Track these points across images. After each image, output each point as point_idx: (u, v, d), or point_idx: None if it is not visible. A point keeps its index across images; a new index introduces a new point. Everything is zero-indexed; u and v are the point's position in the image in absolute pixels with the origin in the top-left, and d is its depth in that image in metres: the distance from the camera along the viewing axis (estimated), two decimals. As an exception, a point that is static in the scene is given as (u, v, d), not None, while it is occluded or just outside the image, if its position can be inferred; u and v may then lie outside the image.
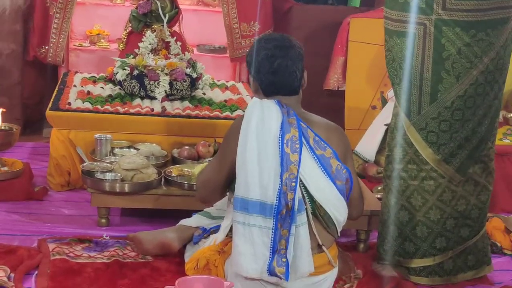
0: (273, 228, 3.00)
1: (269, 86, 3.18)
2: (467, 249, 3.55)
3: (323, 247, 3.15)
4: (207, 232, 3.50)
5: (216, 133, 4.58)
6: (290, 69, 3.14)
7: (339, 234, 3.23)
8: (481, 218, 3.57)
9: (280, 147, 3.02)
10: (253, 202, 3.02)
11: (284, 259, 2.99)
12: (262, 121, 3.06)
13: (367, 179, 4.82)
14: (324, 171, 3.10)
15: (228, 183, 3.22)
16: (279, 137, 3.03)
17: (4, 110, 4.56)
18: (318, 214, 3.10)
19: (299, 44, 3.21)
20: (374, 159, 4.99)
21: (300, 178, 3.04)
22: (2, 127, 4.55)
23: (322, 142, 3.12)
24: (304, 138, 3.08)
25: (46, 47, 5.77)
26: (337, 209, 3.13)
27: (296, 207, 3.00)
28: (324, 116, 3.30)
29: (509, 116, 5.21)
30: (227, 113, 4.81)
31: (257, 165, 3.02)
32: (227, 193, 3.32)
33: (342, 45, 5.61)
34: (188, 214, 3.69)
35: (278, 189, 2.99)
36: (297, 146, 3.04)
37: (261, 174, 3.01)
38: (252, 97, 3.28)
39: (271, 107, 3.10)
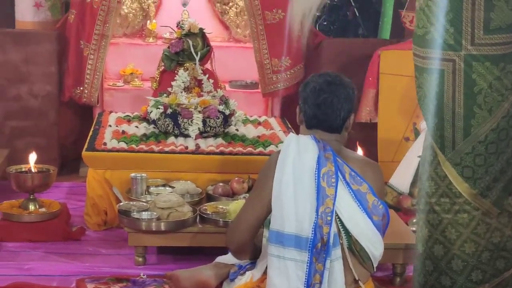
0: (308, 262, 3.00)
1: (311, 118, 3.19)
2: (503, 281, 3.51)
3: (360, 282, 3.14)
4: (243, 269, 3.47)
5: (250, 169, 4.60)
6: (334, 106, 3.15)
7: (375, 269, 3.22)
8: (517, 250, 3.54)
9: (316, 180, 3.03)
10: (288, 235, 3.03)
11: (318, 294, 2.99)
12: (299, 155, 3.08)
13: (402, 211, 4.81)
14: (360, 206, 3.09)
15: (263, 221, 3.22)
16: (316, 171, 3.04)
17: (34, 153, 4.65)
18: (354, 249, 3.10)
19: (353, 86, 3.21)
20: (409, 191, 4.98)
21: (336, 212, 3.04)
22: (40, 169, 4.63)
23: (358, 178, 3.12)
24: (340, 172, 3.09)
25: (81, 88, 5.85)
26: (373, 244, 3.12)
27: (331, 241, 3.00)
28: (357, 149, 3.30)
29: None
30: (260, 149, 4.84)
31: (293, 198, 3.03)
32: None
33: (373, 77, 5.62)
34: (224, 251, 3.70)
35: (314, 223, 2.99)
36: (333, 180, 3.04)
37: (297, 207, 3.02)
38: (286, 132, 3.29)
39: (307, 142, 3.13)
